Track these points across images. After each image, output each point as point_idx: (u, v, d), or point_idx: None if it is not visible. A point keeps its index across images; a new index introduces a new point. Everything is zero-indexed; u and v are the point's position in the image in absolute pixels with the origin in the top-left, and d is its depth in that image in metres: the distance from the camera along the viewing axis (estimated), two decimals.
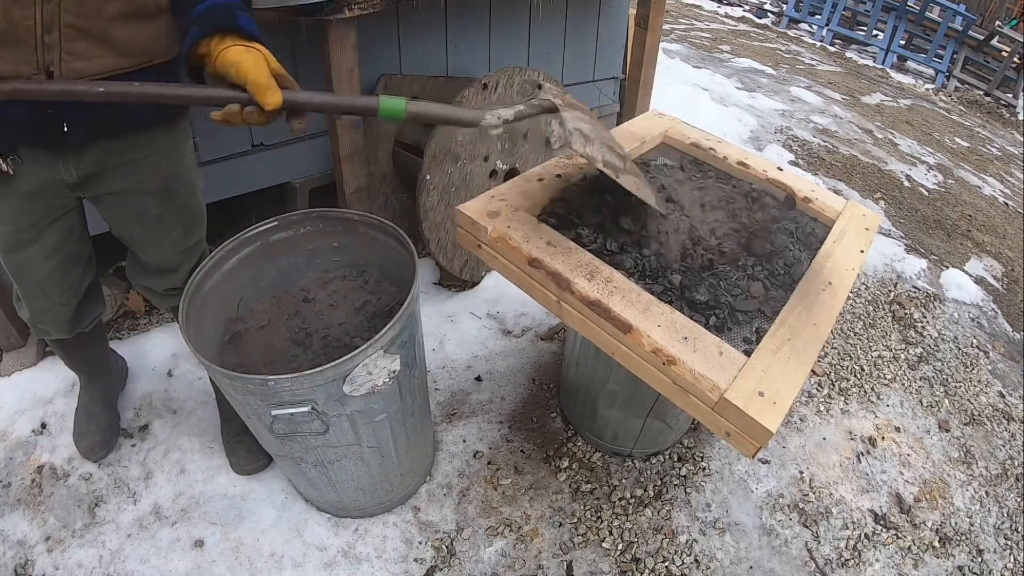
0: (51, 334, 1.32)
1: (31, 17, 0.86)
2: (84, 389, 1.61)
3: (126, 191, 1.14)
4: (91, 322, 1.38)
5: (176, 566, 1.39)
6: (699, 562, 1.49)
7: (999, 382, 2.21)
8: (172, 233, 1.24)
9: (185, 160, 1.21)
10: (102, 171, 1.09)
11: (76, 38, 0.90)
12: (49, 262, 1.17)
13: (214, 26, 0.90)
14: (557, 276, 1.08)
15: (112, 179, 1.11)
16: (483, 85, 1.85)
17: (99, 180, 1.10)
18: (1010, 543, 1.67)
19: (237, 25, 0.91)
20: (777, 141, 3.69)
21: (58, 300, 1.24)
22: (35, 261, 1.15)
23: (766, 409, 0.90)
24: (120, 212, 1.19)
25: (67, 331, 1.32)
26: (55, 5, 0.87)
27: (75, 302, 1.28)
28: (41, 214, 1.10)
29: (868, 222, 1.41)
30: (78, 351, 1.48)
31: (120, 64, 0.97)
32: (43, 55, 0.89)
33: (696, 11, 7.51)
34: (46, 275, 1.18)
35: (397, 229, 1.28)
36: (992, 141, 5.02)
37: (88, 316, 1.35)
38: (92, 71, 0.93)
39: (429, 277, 2.24)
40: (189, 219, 1.26)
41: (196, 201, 1.27)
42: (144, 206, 1.17)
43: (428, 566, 1.43)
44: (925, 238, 3.05)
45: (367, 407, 1.17)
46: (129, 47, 0.97)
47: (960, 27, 6.61)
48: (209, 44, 0.90)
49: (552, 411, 1.82)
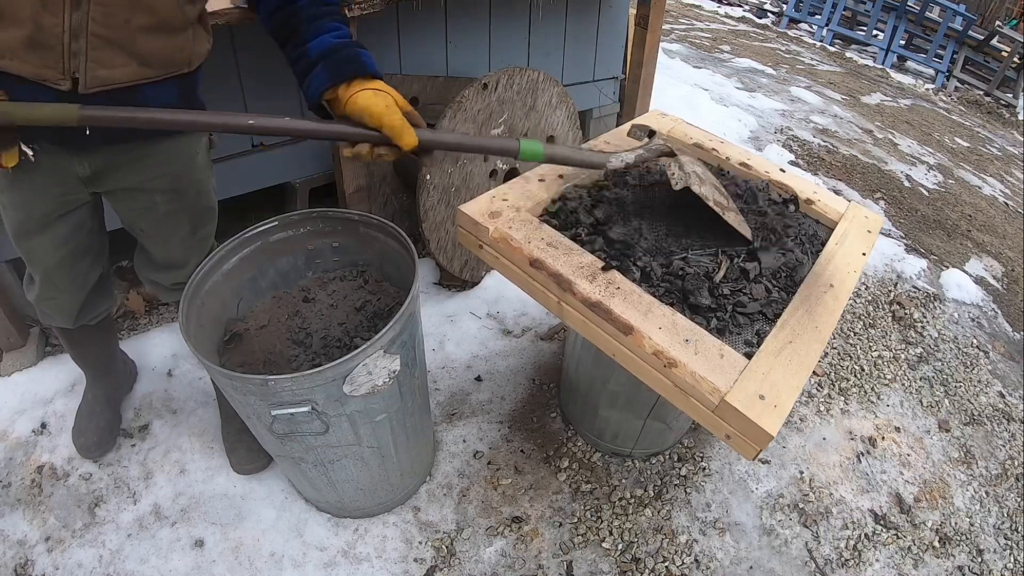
0: (55, 320, 1.34)
1: (60, 24, 0.87)
2: (89, 386, 1.61)
3: (136, 187, 1.15)
4: (97, 316, 1.39)
5: (176, 566, 1.39)
6: (699, 562, 1.50)
7: (999, 382, 2.21)
8: (180, 230, 1.25)
9: (198, 159, 1.21)
10: (113, 167, 1.10)
11: (102, 47, 0.91)
12: (57, 252, 1.18)
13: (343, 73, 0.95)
14: (558, 277, 1.08)
15: (123, 175, 1.12)
16: (483, 85, 1.85)
17: (110, 176, 1.12)
18: (1010, 543, 1.67)
19: (365, 69, 0.95)
20: (777, 141, 3.68)
21: (64, 288, 1.26)
22: (43, 250, 1.17)
23: (767, 412, 0.90)
24: (130, 207, 1.20)
25: (69, 321, 1.33)
26: (83, 14, 0.88)
27: (82, 294, 1.29)
28: (52, 206, 1.11)
29: (870, 224, 1.40)
30: (83, 345, 1.49)
31: (144, 74, 0.98)
32: (69, 61, 0.90)
33: (696, 11, 7.50)
34: (54, 264, 1.20)
35: (397, 229, 1.28)
36: (992, 141, 5.02)
37: (94, 310, 1.36)
38: (116, 79, 0.95)
39: (429, 277, 2.24)
40: (198, 217, 1.27)
41: (207, 200, 1.28)
42: (153, 202, 1.18)
43: (428, 566, 1.43)
44: (925, 238, 3.05)
45: (367, 407, 1.17)
46: (154, 58, 0.98)
47: (960, 27, 6.61)
48: (336, 91, 0.95)
49: (552, 411, 1.82)
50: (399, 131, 0.92)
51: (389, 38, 1.98)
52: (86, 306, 1.33)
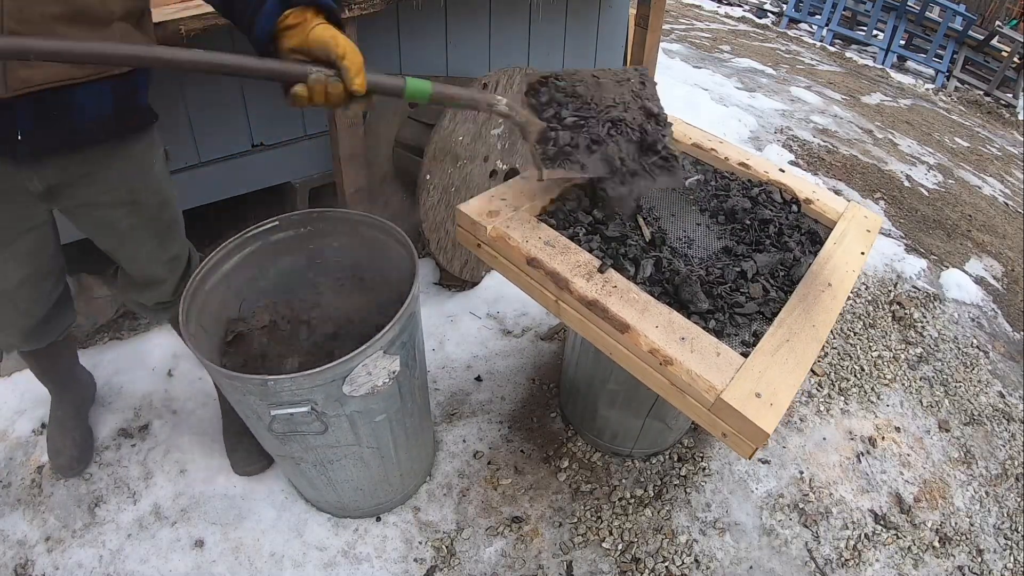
0: (16, 346, 1.30)
1: None
2: (56, 404, 1.57)
3: (92, 203, 1.11)
4: (62, 332, 1.36)
5: (176, 566, 1.39)
6: (699, 562, 1.50)
7: (999, 382, 2.21)
8: (145, 245, 1.21)
9: (154, 170, 1.17)
10: (66, 182, 1.06)
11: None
12: (19, 272, 1.14)
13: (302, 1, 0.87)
14: (555, 275, 1.08)
15: (77, 190, 1.08)
16: (483, 85, 1.85)
17: (65, 191, 1.08)
18: (1010, 543, 1.67)
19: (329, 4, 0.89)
20: (777, 141, 3.68)
21: (26, 312, 1.22)
22: (3, 270, 1.13)
23: (763, 410, 0.90)
24: (91, 224, 1.17)
25: (34, 342, 1.30)
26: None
27: (42, 313, 1.25)
28: (8, 222, 1.07)
29: (869, 224, 1.40)
30: (50, 361, 1.46)
31: (72, 73, 0.93)
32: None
33: (696, 11, 7.50)
34: (15, 285, 1.16)
35: (397, 229, 1.28)
36: (992, 141, 5.02)
37: (59, 327, 1.34)
38: (38, 80, 0.90)
39: (429, 277, 2.24)
40: (163, 230, 1.23)
41: (169, 212, 1.24)
42: (113, 218, 1.15)
43: (428, 566, 1.43)
44: (925, 238, 3.05)
45: (367, 407, 1.17)
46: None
47: (960, 27, 6.60)
48: (304, 15, 0.87)
49: (552, 411, 1.82)
50: (359, 69, 0.85)
51: (389, 38, 1.98)
52: (51, 324, 1.29)
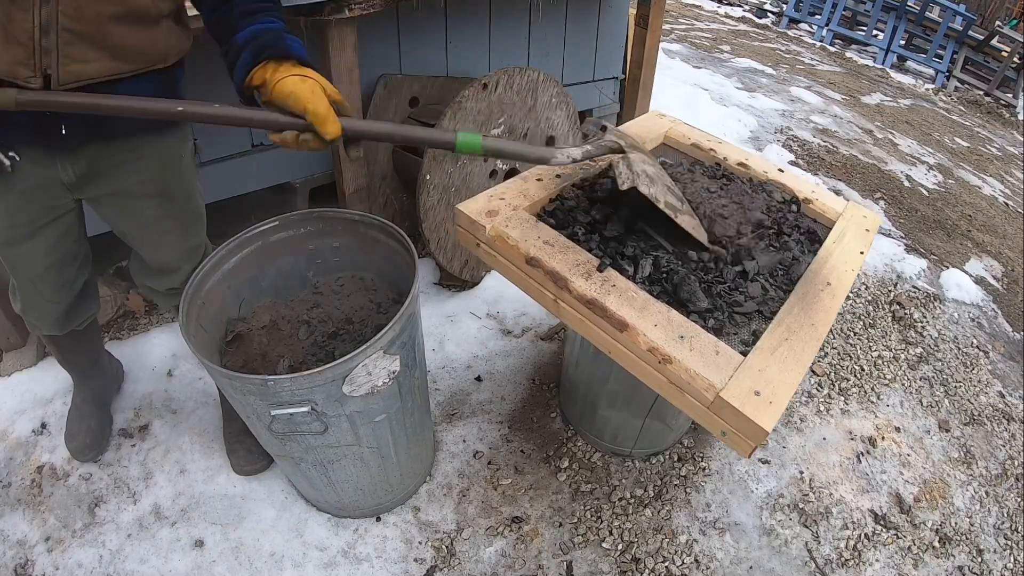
0: (41, 329, 1.34)
1: (29, 20, 0.86)
2: (77, 390, 1.61)
3: (121, 192, 1.14)
4: (84, 321, 1.39)
5: (176, 566, 1.39)
6: (699, 562, 1.49)
7: (999, 382, 2.21)
8: (169, 235, 1.24)
9: (183, 163, 1.20)
10: (98, 172, 1.09)
11: (73, 41, 0.90)
12: (44, 260, 1.17)
13: (266, 55, 0.92)
14: (555, 275, 1.08)
15: (108, 180, 1.11)
16: (483, 85, 1.86)
17: (95, 181, 1.10)
18: (1010, 543, 1.67)
19: (288, 51, 0.93)
20: (777, 141, 3.68)
21: (50, 297, 1.25)
22: (30, 258, 1.16)
23: (762, 408, 0.90)
24: (116, 213, 1.19)
25: (57, 328, 1.33)
26: (52, 8, 0.87)
27: (68, 300, 1.28)
28: (38, 213, 1.10)
29: (868, 223, 1.40)
30: (71, 349, 1.49)
31: (118, 68, 0.97)
32: (40, 58, 0.89)
33: (696, 11, 7.51)
34: (40, 272, 1.19)
35: (397, 229, 1.28)
36: (992, 141, 5.02)
37: (81, 315, 1.36)
38: (89, 75, 0.93)
39: (429, 277, 2.24)
40: (187, 222, 1.26)
41: (194, 204, 1.27)
42: (140, 208, 1.17)
43: (428, 566, 1.43)
44: (925, 238, 3.04)
45: (367, 407, 1.17)
46: (127, 52, 0.97)
47: (960, 27, 6.61)
48: (264, 74, 0.92)
49: (552, 411, 1.82)
50: (323, 118, 0.88)
51: (389, 38, 1.98)
52: (73, 312, 1.32)
